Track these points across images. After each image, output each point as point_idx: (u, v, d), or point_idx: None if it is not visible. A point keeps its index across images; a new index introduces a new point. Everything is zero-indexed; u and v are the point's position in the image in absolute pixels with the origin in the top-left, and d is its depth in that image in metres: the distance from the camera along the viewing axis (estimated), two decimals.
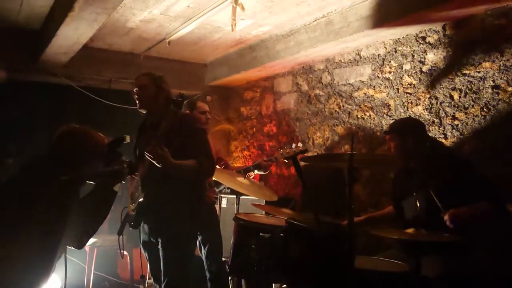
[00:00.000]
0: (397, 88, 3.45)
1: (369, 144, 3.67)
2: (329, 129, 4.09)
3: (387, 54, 3.54)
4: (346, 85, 3.92)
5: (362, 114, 3.75)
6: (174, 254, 2.45)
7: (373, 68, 3.66)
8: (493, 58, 2.83)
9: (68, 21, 3.09)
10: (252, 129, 5.13)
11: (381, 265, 2.14)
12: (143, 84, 2.59)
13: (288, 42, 4.03)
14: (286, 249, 2.01)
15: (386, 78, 3.55)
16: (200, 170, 2.38)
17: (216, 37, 4.28)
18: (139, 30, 4.07)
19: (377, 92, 3.63)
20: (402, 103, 3.40)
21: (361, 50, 3.77)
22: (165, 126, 2.26)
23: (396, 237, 2.05)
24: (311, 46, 3.78)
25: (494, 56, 2.82)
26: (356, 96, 3.81)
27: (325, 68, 4.15)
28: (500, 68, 2.78)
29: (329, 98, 4.09)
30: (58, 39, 3.52)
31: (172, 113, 2.28)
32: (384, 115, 3.55)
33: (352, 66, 3.86)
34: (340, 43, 3.61)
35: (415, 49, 3.32)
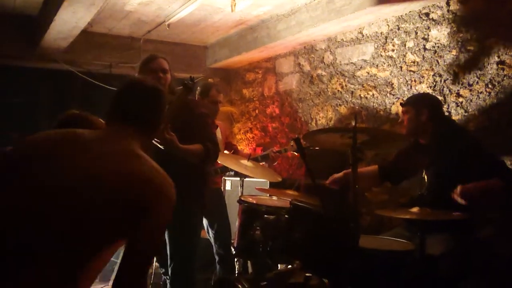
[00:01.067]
0: (400, 66, 3.41)
1: (373, 123, 3.64)
2: (332, 109, 4.06)
3: (390, 32, 3.48)
4: (348, 64, 3.88)
5: (365, 94, 3.72)
6: (180, 238, 2.47)
7: (375, 46, 3.61)
8: (498, 33, 2.78)
9: (65, 5, 3.05)
10: (255, 110, 5.11)
11: (386, 244, 2.15)
12: (167, 69, 2.55)
13: (289, 22, 3.97)
14: (290, 230, 2.02)
15: (389, 56, 3.50)
16: (206, 154, 2.38)
17: (216, 19, 4.22)
18: (137, 13, 4.02)
19: (380, 71, 3.59)
20: (406, 82, 3.37)
21: (363, 28, 3.71)
22: (173, 110, 2.24)
23: (401, 216, 2.05)
24: (313, 25, 3.72)
25: (499, 31, 2.77)
26: (359, 75, 3.77)
27: (327, 48, 4.10)
28: (505, 43, 2.74)
29: (332, 78, 4.05)
30: (56, 24, 3.49)
31: (182, 97, 2.26)
32: (388, 94, 3.52)
33: (355, 45, 3.81)
34: (342, 21, 3.55)
35: (419, 25, 3.26)
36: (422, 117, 2.49)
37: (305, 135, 2.21)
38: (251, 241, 2.30)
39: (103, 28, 4.45)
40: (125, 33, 4.65)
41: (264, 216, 2.27)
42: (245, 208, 2.46)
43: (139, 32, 4.64)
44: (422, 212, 1.96)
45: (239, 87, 5.38)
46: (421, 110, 2.49)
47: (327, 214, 1.82)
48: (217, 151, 2.48)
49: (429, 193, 2.32)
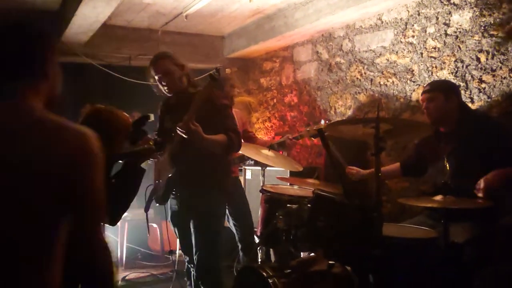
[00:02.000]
0: (420, 52, 3.37)
1: (393, 111, 3.62)
2: (351, 97, 4.04)
3: (410, 18, 3.44)
4: (367, 51, 3.84)
5: (384, 81, 3.69)
6: (205, 226, 2.53)
7: (395, 32, 3.57)
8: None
9: (86, 1, 3.10)
10: (273, 100, 5.12)
11: (409, 232, 2.16)
12: (169, 69, 2.56)
13: (307, 10, 3.95)
14: (313, 219, 2.04)
15: (409, 42, 3.46)
16: (230, 144, 2.42)
17: (233, 8, 4.22)
18: (156, 5, 4.04)
19: (400, 58, 3.55)
20: (426, 68, 3.33)
21: (382, 14, 3.66)
22: (199, 101, 2.27)
23: (425, 205, 2.06)
24: (331, 13, 3.69)
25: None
26: (378, 63, 3.74)
27: (345, 35, 4.07)
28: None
29: (350, 66, 4.03)
30: (77, 18, 3.55)
31: (209, 89, 2.28)
32: (408, 81, 3.49)
33: (374, 31, 3.77)
34: (361, 8, 3.52)
35: (439, 10, 3.21)
36: (451, 104, 2.44)
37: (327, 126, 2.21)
38: (274, 230, 2.33)
39: (122, 21, 4.50)
40: (144, 25, 4.69)
41: (286, 205, 2.30)
42: (267, 198, 2.49)
43: (157, 24, 4.67)
44: (446, 200, 1.96)
45: (257, 77, 5.38)
46: (451, 97, 2.43)
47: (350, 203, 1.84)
48: (240, 141, 2.51)
49: (453, 181, 2.31)
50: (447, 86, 2.56)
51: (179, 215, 2.64)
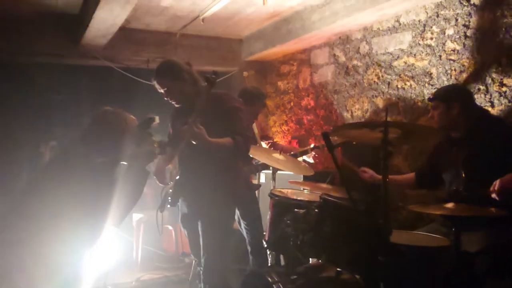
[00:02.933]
0: (439, 55, 3.27)
1: (410, 115, 3.53)
2: (368, 100, 3.97)
3: (429, 19, 3.35)
4: (385, 54, 3.77)
5: (402, 84, 3.61)
6: (213, 230, 2.52)
7: (413, 35, 3.48)
8: None
9: (102, 4, 3.15)
10: (290, 103, 5.08)
11: (420, 240, 2.09)
12: (167, 87, 2.55)
13: (323, 12, 3.90)
14: (320, 225, 2.00)
15: (427, 45, 3.37)
16: (236, 147, 2.40)
17: (249, 11, 4.21)
18: (173, 8, 4.08)
19: (418, 60, 3.46)
20: (445, 71, 3.23)
21: (400, 16, 3.58)
22: (200, 104, 2.27)
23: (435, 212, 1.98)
24: (347, 15, 3.64)
25: None
26: (396, 66, 3.66)
27: (362, 38, 4.00)
28: None
29: (368, 69, 3.96)
30: (95, 22, 3.61)
31: (206, 91, 2.29)
32: (426, 84, 3.39)
33: (391, 34, 3.70)
34: (378, 10, 3.45)
35: (459, 12, 3.11)
36: (453, 111, 2.41)
37: (334, 130, 2.17)
38: (281, 234, 2.30)
39: (140, 24, 4.56)
40: (162, 28, 4.74)
41: (294, 210, 2.27)
42: (275, 202, 2.46)
43: (175, 27, 4.71)
44: (457, 207, 1.88)
45: (274, 80, 5.36)
46: (452, 104, 2.40)
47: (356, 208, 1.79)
48: (248, 144, 2.48)
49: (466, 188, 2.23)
50: (448, 94, 2.50)
51: (188, 218, 2.64)
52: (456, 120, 2.42)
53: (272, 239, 2.43)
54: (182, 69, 2.57)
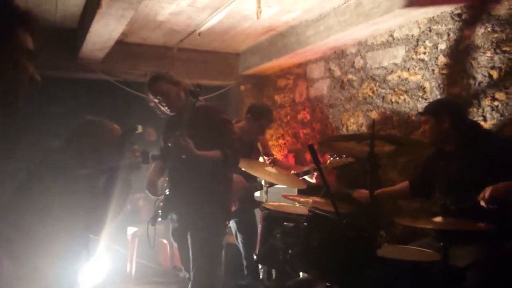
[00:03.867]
0: (432, 69, 3.29)
1: (405, 129, 3.53)
2: (363, 114, 3.97)
3: (421, 34, 3.37)
4: (379, 68, 3.79)
5: (396, 98, 3.62)
6: (202, 243, 2.50)
7: (407, 49, 3.51)
8: None
9: (98, 18, 3.19)
10: (286, 117, 5.09)
11: (410, 254, 2.07)
12: (163, 90, 2.56)
13: (318, 27, 3.94)
14: (308, 238, 1.99)
15: (420, 59, 3.39)
16: (224, 160, 2.39)
17: (245, 26, 4.26)
18: (169, 23, 4.12)
19: (411, 75, 3.48)
20: (438, 85, 3.24)
21: (394, 31, 3.61)
22: (186, 117, 2.28)
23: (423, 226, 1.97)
24: (341, 30, 3.67)
25: None
26: (390, 80, 3.67)
27: (357, 52, 4.03)
28: None
29: (362, 83, 3.97)
30: (91, 36, 3.65)
31: (191, 104, 2.29)
32: (420, 98, 3.40)
33: (385, 48, 3.72)
34: (371, 25, 3.48)
35: (451, 27, 3.14)
36: (443, 124, 2.40)
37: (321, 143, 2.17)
38: (271, 248, 2.29)
39: (138, 38, 4.61)
40: (159, 42, 4.79)
41: (284, 223, 2.25)
42: (265, 215, 2.45)
43: (172, 41, 4.76)
44: (444, 222, 1.87)
45: (271, 93, 5.38)
46: (442, 118, 2.39)
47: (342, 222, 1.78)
48: (237, 157, 2.48)
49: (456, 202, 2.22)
50: (438, 108, 2.50)
51: (178, 231, 2.63)
52: (447, 134, 2.41)
53: (262, 252, 2.41)
54: (173, 74, 2.63)
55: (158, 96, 2.57)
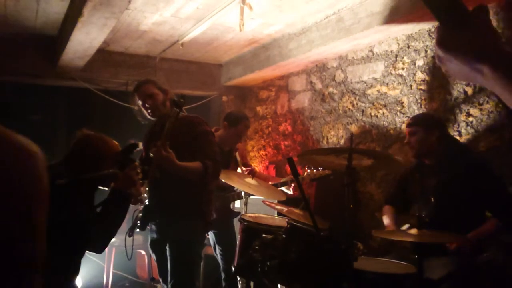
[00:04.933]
0: (410, 84, 3.37)
1: (383, 142, 3.59)
2: (343, 127, 4.03)
3: (400, 50, 3.45)
4: (359, 82, 3.85)
5: (375, 112, 3.68)
6: (181, 254, 2.47)
7: (386, 64, 3.58)
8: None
9: (79, 27, 3.16)
10: (268, 128, 5.12)
11: (386, 267, 2.09)
12: (152, 93, 2.60)
13: (300, 41, 4.00)
14: (287, 251, 1.99)
15: (399, 74, 3.47)
16: (205, 172, 2.39)
17: (228, 37, 4.29)
18: (152, 32, 4.12)
19: (390, 89, 3.55)
20: (416, 100, 3.32)
21: (373, 46, 3.69)
22: (168, 128, 2.28)
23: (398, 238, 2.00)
24: (323, 43, 3.73)
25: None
26: (370, 94, 3.74)
27: (338, 66, 4.09)
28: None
29: (343, 96, 4.03)
30: (72, 44, 3.61)
31: (174, 114, 2.30)
32: (398, 113, 3.47)
33: (365, 63, 3.79)
34: (352, 40, 3.55)
35: (428, 44, 3.22)
36: (431, 137, 2.45)
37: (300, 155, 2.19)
38: (249, 260, 2.28)
39: (119, 47, 4.58)
40: (141, 51, 4.78)
41: (262, 235, 2.25)
42: (244, 227, 2.44)
43: (154, 51, 4.75)
44: (419, 234, 1.90)
45: (253, 105, 5.41)
46: (431, 131, 2.44)
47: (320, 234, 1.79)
48: (217, 169, 2.48)
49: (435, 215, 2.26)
50: (427, 120, 2.57)
51: (157, 242, 2.60)
52: (432, 147, 2.46)
53: (240, 264, 2.40)
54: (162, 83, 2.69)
55: (146, 98, 2.59)
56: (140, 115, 2.72)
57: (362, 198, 3.67)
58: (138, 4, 3.35)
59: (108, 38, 3.90)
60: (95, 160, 2.04)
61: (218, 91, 5.36)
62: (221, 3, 3.33)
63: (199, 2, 3.33)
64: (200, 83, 5.22)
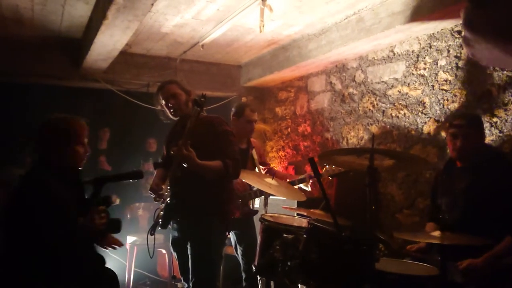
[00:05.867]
0: (432, 85, 3.33)
1: (404, 143, 3.56)
2: (363, 128, 4.00)
3: (422, 50, 3.42)
4: (380, 83, 3.83)
5: (396, 113, 3.65)
6: (202, 253, 2.50)
7: (407, 64, 3.55)
8: None
9: (103, 29, 3.23)
10: (287, 129, 5.13)
11: (409, 268, 2.08)
12: (175, 92, 2.66)
13: (320, 41, 3.99)
14: (307, 251, 2.00)
15: (420, 74, 3.43)
16: (226, 171, 2.42)
17: (248, 39, 4.31)
18: (173, 34, 4.18)
19: (411, 90, 3.51)
20: (438, 101, 3.28)
21: (394, 46, 3.66)
22: (190, 127, 2.31)
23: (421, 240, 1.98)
24: (343, 44, 3.72)
25: None
26: (390, 94, 3.71)
27: (358, 66, 4.07)
28: None
29: (363, 97, 4.01)
30: (96, 46, 3.69)
31: (195, 113, 2.33)
32: (419, 113, 3.44)
33: (386, 63, 3.77)
34: (372, 40, 3.53)
35: (451, 43, 3.18)
36: (479, 139, 2.40)
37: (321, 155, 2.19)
38: (270, 260, 2.29)
39: (141, 49, 4.66)
40: (163, 53, 4.84)
41: (283, 235, 2.27)
42: (265, 227, 2.46)
43: (175, 53, 4.81)
44: (442, 236, 1.88)
45: (272, 106, 5.42)
46: (480, 132, 2.40)
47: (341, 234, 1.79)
48: (238, 168, 2.50)
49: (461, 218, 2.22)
50: (477, 120, 2.48)
51: (178, 241, 2.64)
52: (474, 148, 2.38)
53: (260, 264, 2.42)
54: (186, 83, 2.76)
55: (169, 98, 2.63)
56: (162, 115, 2.77)
57: (383, 199, 3.64)
58: (160, 6, 3.41)
59: (130, 40, 3.97)
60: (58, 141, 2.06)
61: (238, 92, 5.39)
62: (241, 4, 3.36)
63: (219, 4, 3.37)
64: (219, 84, 5.26)
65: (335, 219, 1.76)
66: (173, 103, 2.63)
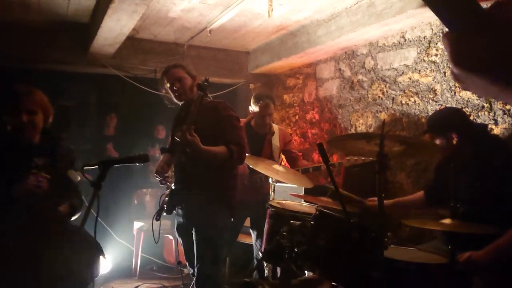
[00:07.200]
0: (444, 71, 3.26)
1: (414, 131, 3.51)
2: (372, 115, 3.95)
3: (434, 36, 3.34)
4: (390, 69, 3.76)
5: (406, 100, 3.59)
6: (206, 239, 2.50)
7: (418, 51, 3.48)
8: None
9: (110, 13, 3.20)
10: (295, 116, 5.08)
11: (417, 257, 2.05)
12: (181, 76, 2.63)
13: (329, 27, 3.92)
14: (315, 237, 1.98)
15: (432, 61, 3.36)
16: (230, 156, 2.40)
17: (256, 24, 4.25)
18: (181, 19, 4.13)
19: (422, 77, 3.45)
20: (449, 88, 3.22)
21: (405, 32, 3.59)
22: (193, 112, 2.29)
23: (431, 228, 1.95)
24: (353, 30, 3.65)
25: None
26: (401, 81, 3.65)
27: (368, 53, 4.00)
28: None
29: (373, 84, 3.95)
30: (103, 31, 3.66)
31: (199, 98, 2.30)
32: (430, 101, 3.38)
33: (396, 49, 3.70)
34: (383, 25, 3.46)
35: None
36: (452, 142, 2.35)
37: (330, 141, 2.16)
38: (277, 246, 2.28)
39: (148, 34, 4.62)
40: (170, 39, 4.80)
41: (290, 222, 2.24)
42: (272, 213, 2.44)
43: (183, 38, 4.77)
44: (453, 224, 1.85)
45: (280, 93, 5.37)
46: (450, 136, 2.34)
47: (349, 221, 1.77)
48: (242, 153, 2.48)
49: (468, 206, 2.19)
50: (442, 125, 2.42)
51: (183, 227, 2.63)
52: (458, 148, 2.35)
53: (267, 250, 2.40)
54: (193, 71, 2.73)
55: (174, 82, 2.61)
56: (167, 99, 2.75)
57: (392, 187, 3.60)
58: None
59: (137, 25, 3.93)
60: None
61: (245, 78, 5.34)
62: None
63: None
64: (227, 71, 5.22)
65: (343, 206, 1.73)
66: (178, 87, 2.61)
